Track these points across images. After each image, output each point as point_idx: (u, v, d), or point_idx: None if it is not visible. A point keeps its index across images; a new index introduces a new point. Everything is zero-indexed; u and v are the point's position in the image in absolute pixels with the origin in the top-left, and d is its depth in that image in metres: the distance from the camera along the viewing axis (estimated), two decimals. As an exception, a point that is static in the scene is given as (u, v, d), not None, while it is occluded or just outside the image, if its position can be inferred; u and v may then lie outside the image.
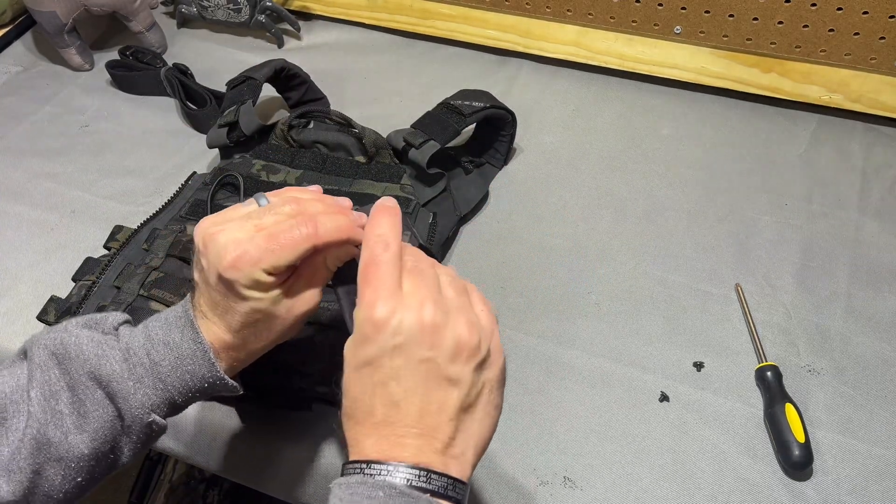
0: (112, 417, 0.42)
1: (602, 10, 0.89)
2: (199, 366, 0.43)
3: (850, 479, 0.57)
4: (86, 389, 0.41)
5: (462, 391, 0.37)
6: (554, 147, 0.86)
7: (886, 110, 0.85)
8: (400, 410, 0.36)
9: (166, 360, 0.43)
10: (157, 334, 0.44)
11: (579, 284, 0.72)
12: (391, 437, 0.36)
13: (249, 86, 0.80)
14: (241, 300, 0.42)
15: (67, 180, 0.84)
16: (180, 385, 0.43)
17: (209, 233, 0.43)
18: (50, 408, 0.40)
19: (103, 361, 0.42)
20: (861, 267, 0.72)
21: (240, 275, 0.41)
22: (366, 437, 0.37)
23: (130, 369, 0.42)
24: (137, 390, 0.42)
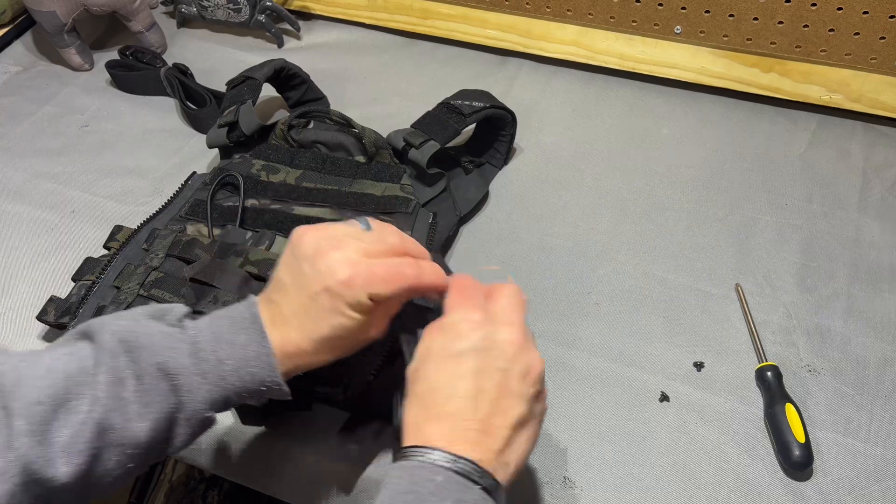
0: (173, 409, 0.43)
1: (602, 9, 0.89)
2: (261, 369, 0.45)
3: (850, 479, 0.57)
4: (152, 380, 0.43)
5: (523, 408, 0.42)
6: (554, 147, 0.86)
7: (887, 110, 0.85)
8: (472, 405, 0.40)
9: (231, 360, 0.44)
10: (224, 333, 0.45)
11: (579, 284, 0.72)
12: (458, 428, 0.40)
13: (249, 86, 0.80)
14: (337, 315, 0.44)
15: (67, 180, 0.84)
16: (239, 385, 0.45)
17: (321, 247, 0.45)
18: (116, 394, 0.42)
19: (172, 355, 0.43)
20: (861, 267, 0.72)
21: (348, 293, 0.44)
22: (431, 424, 0.40)
23: (197, 364, 0.44)
24: (202, 385, 0.44)
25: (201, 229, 0.70)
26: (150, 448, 0.43)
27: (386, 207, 0.71)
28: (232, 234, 0.68)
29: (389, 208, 0.71)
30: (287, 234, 0.68)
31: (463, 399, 0.40)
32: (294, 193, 0.72)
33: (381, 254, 0.46)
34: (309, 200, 0.71)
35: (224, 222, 0.70)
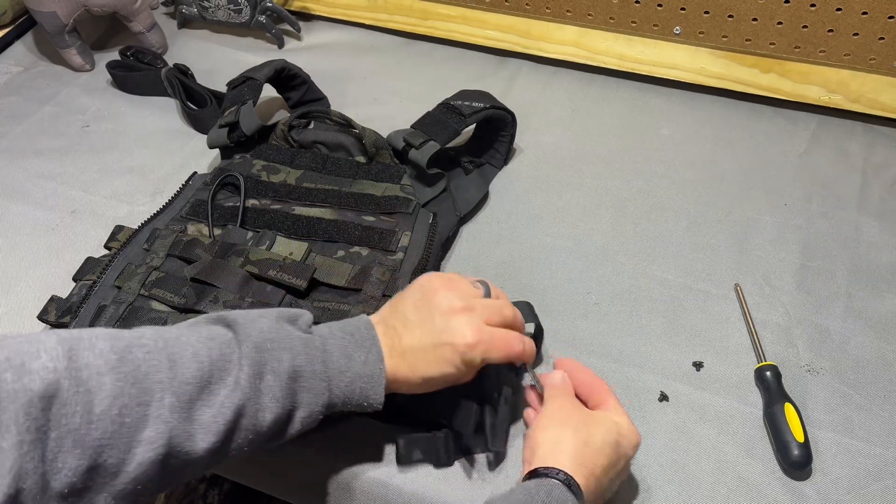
0: (295, 407, 0.48)
1: (602, 10, 0.89)
2: (371, 388, 0.50)
3: (849, 478, 0.57)
4: (287, 379, 0.47)
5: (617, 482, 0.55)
6: (554, 147, 0.86)
7: (886, 110, 0.85)
8: (604, 471, 0.51)
9: (349, 373, 0.50)
10: (347, 347, 0.50)
11: (579, 284, 0.72)
12: (588, 476, 0.50)
13: (250, 86, 0.80)
14: (451, 367, 0.51)
15: (68, 180, 0.84)
16: (347, 395, 0.50)
17: (455, 306, 0.52)
18: (254, 385, 0.46)
19: (307, 361, 0.48)
20: (860, 267, 0.72)
21: (469, 354, 0.51)
22: (578, 468, 0.49)
23: (325, 372, 0.49)
24: (324, 392, 0.49)
25: (202, 229, 0.70)
26: (268, 436, 0.48)
27: (386, 208, 0.71)
28: (233, 234, 0.68)
29: (390, 208, 0.71)
30: (287, 234, 0.68)
31: (604, 472, 0.51)
32: (294, 194, 0.72)
33: (498, 324, 0.53)
34: (309, 201, 0.72)
35: (225, 222, 0.70)
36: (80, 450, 0.39)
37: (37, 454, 0.38)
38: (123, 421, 0.41)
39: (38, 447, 0.38)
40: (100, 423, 0.40)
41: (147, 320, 0.62)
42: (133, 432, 0.41)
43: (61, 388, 0.39)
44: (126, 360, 0.42)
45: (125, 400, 0.41)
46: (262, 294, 0.63)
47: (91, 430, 0.40)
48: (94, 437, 0.40)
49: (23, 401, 0.38)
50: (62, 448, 0.39)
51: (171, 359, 0.44)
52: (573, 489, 0.47)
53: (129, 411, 0.41)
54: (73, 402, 0.39)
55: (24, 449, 0.37)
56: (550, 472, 0.48)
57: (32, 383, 0.38)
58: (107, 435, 0.40)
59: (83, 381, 0.40)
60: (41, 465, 0.38)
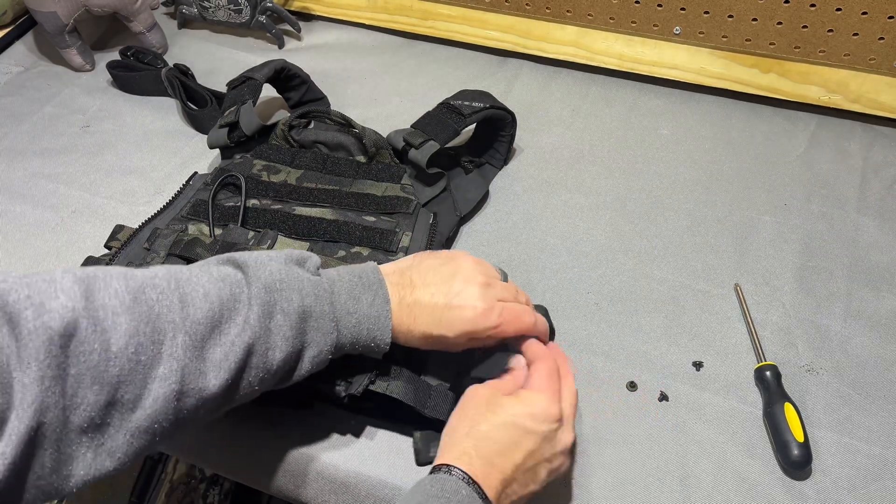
0: (305, 346, 0.50)
1: (602, 10, 0.89)
2: (379, 330, 0.52)
3: (848, 478, 0.57)
4: (296, 318, 0.49)
5: (536, 489, 0.52)
6: (554, 147, 0.86)
7: (885, 110, 0.85)
8: (511, 469, 0.49)
9: (356, 314, 0.51)
10: (355, 290, 0.52)
11: (579, 284, 0.72)
12: (492, 476, 0.49)
13: (250, 86, 0.80)
14: (455, 330, 0.53)
15: (68, 180, 0.84)
16: (355, 336, 0.52)
17: (478, 278, 0.54)
18: (264, 325, 0.47)
19: (316, 301, 0.50)
20: (860, 267, 0.72)
21: (480, 322, 0.53)
22: (475, 461, 0.48)
23: (333, 311, 0.51)
24: (333, 331, 0.51)
25: (203, 229, 0.70)
26: (277, 374, 0.49)
27: (387, 208, 0.71)
28: (234, 234, 0.68)
29: (390, 208, 0.71)
30: (288, 234, 0.68)
31: (510, 463, 0.49)
32: (295, 194, 0.72)
33: (515, 303, 0.56)
34: (310, 200, 0.72)
35: (225, 222, 0.70)
36: (99, 386, 0.41)
37: (57, 389, 0.39)
38: (139, 359, 0.42)
39: (58, 383, 0.39)
40: (117, 360, 0.41)
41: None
42: (148, 369, 0.43)
43: (79, 328, 0.40)
44: (140, 301, 0.44)
45: (140, 339, 0.42)
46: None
47: (109, 367, 0.41)
48: (112, 373, 0.41)
49: (43, 338, 0.39)
50: (82, 384, 0.40)
51: (183, 300, 0.45)
52: (458, 475, 0.47)
53: (144, 349, 0.43)
54: (91, 340, 0.41)
55: (45, 384, 0.38)
56: (441, 467, 0.48)
57: (52, 321, 0.39)
58: (124, 372, 0.42)
59: (100, 320, 0.41)
60: (61, 399, 0.39)
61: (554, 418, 0.51)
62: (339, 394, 0.56)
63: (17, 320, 0.39)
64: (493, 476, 0.48)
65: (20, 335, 0.38)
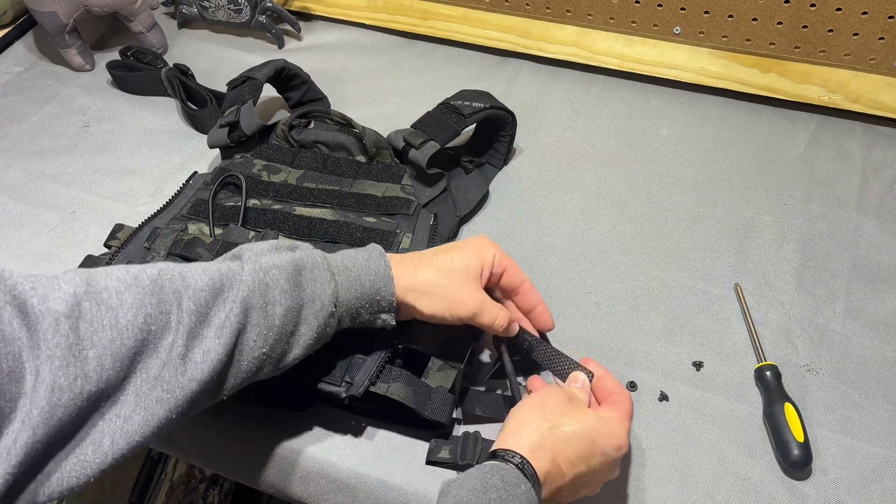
0: (304, 301, 0.51)
1: (602, 10, 0.89)
2: (380, 278, 0.54)
3: (848, 478, 0.57)
4: (290, 272, 0.50)
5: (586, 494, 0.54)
6: (554, 147, 0.86)
7: (885, 110, 0.85)
8: (571, 479, 0.50)
9: (355, 268, 0.53)
10: (349, 252, 0.55)
11: (579, 284, 0.72)
12: (554, 478, 0.49)
13: (250, 86, 0.80)
14: (456, 273, 0.56)
15: (68, 180, 0.84)
16: (359, 290, 0.53)
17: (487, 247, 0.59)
18: (259, 279, 0.49)
19: (307, 255, 0.52)
20: (860, 267, 0.72)
21: (481, 256, 0.58)
22: (544, 463, 0.49)
23: (328, 265, 0.53)
24: (330, 281, 0.52)
25: (203, 228, 0.70)
26: (280, 335, 0.50)
27: (387, 209, 0.71)
28: (234, 234, 0.68)
29: (390, 209, 0.71)
30: (289, 234, 0.68)
31: (573, 473, 0.50)
32: (295, 194, 0.72)
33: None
34: (310, 201, 0.72)
35: (226, 222, 0.70)
36: (119, 362, 0.42)
37: (72, 371, 0.40)
38: (150, 329, 0.44)
39: (72, 364, 0.40)
40: (129, 331, 0.43)
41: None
42: (159, 338, 0.44)
43: (84, 309, 0.42)
44: (141, 279, 0.45)
45: (148, 310, 0.44)
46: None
47: (124, 341, 0.42)
48: (127, 346, 0.42)
49: (49, 320, 0.40)
50: (104, 365, 0.41)
51: (183, 274, 0.47)
52: (527, 473, 0.47)
53: (153, 319, 0.44)
54: (99, 318, 0.42)
55: (55, 364, 0.39)
56: (507, 454, 0.48)
57: (56, 305, 0.41)
58: (138, 343, 0.43)
59: (104, 300, 0.43)
60: (78, 381, 0.40)
61: (623, 451, 0.52)
62: (340, 395, 0.56)
63: (25, 308, 0.40)
64: (555, 479, 0.49)
65: (30, 323, 0.39)
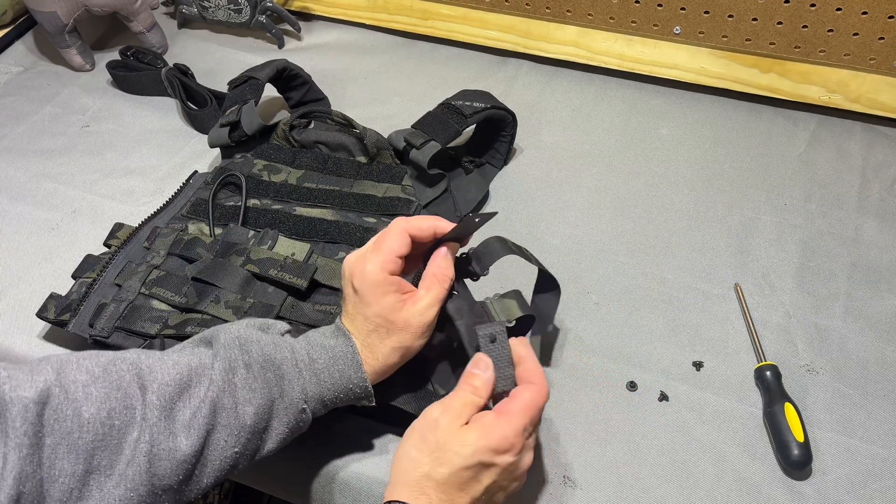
0: (274, 398, 0.50)
1: (602, 10, 0.89)
2: (348, 366, 0.52)
3: (849, 478, 0.57)
4: (258, 369, 0.50)
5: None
6: (554, 147, 0.86)
7: (885, 110, 0.85)
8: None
9: (322, 359, 0.52)
10: (315, 339, 0.53)
11: (579, 284, 0.72)
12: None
13: (251, 86, 0.80)
14: (364, 305, 0.52)
15: (68, 180, 0.84)
16: (331, 382, 0.52)
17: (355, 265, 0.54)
18: (228, 379, 0.48)
19: (275, 350, 0.51)
20: (860, 267, 0.72)
21: (384, 247, 0.52)
22: (433, 494, 0.47)
23: (295, 361, 0.51)
24: (298, 377, 0.51)
25: (203, 228, 0.70)
26: (253, 433, 0.49)
27: (387, 209, 0.71)
28: (234, 234, 0.68)
29: (391, 210, 0.71)
30: (289, 234, 0.68)
31: (468, 497, 0.48)
32: (296, 194, 0.72)
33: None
34: (311, 201, 0.72)
35: (226, 222, 0.70)
36: (74, 455, 0.42)
37: (35, 459, 0.41)
38: (112, 423, 0.44)
39: (35, 452, 0.41)
40: (90, 426, 0.43)
41: (148, 319, 0.62)
42: (122, 434, 0.44)
43: (52, 395, 0.43)
44: (110, 371, 0.46)
45: (112, 404, 0.44)
46: (263, 295, 0.63)
47: (83, 434, 0.43)
48: (86, 440, 0.43)
49: (19, 407, 0.41)
50: (58, 454, 0.42)
51: (151, 367, 0.47)
52: None
53: (116, 414, 0.44)
54: (64, 407, 0.43)
55: (22, 452, 0.40)
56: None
57: (26, 392, 0.42)
58: (98, 437, 0.43)
59: (71, 392, 0.44)
60: (39, 470, 0.41)
61: (516, 449, 0.49)
62: None
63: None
64: None
65: (1, 409, 0.40)
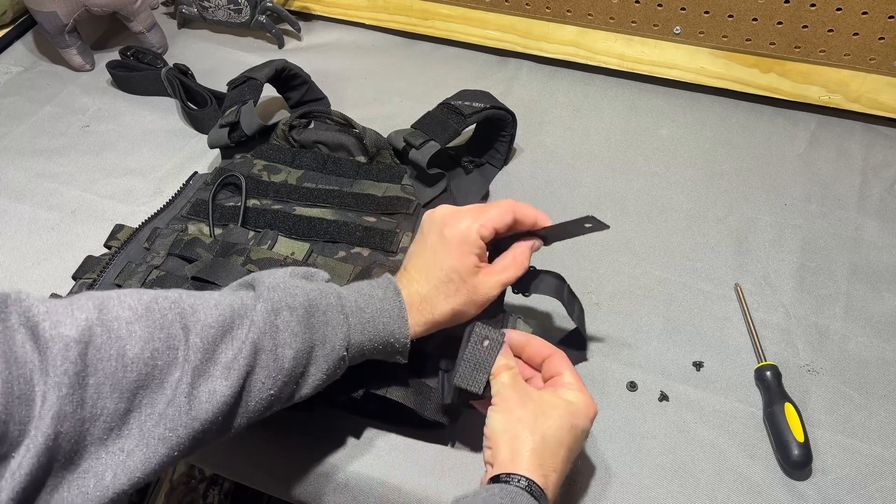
0: (315, 343, 0.49)
1: (602, 10, 0.89)
2: (394, 319, 0.52)
3: (849, 478, 0.57)
4: (302, 313, 0.49)
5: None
6: (554, 147, 0.86)
7: (885, 110, 0.85)
8: (563, 465, 0.50)
9: (369, 308, 0.52)
10: (364, 289, 0.53)
11: (579, 284, 0.72)
12: (549, 473, 0.49)
13: (251, 86, 0.80)
14: (451, 252, 0.54)
15: (68, 180, 0.84)
16: (374, 333, 0.52)
17: (447, 216, 0.56)
18: (270, 321, 0.47)
19: (321, 296, 0.50)
20: (860, 267, 0.72)
21: (465, 230, 0.54)
22: (534, 467, 0.49)
23: (340, 305, 0.51)
24: (343, 324, 0.50)
25: (203, 229, 0.70)
26: (290, 377, 0.48)
27: (387, 208, 0.71)
28: (234, 234, 0.68)
29: (391, 209, 0.71)
30: (288, 234, 0.68)
31: (559, 461, 0.50)
32: (295, 194, 0.72)
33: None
34: (310, 201, 0.72)
35: (226, 222, 0.70)
36: (118, 394, 0.41)
37: (76, 398, 0.39)
38: (156, 363, 0.43)
39: (77, 391, 0.39)
40: (134, 366, 0.42)
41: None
42: (164, 374, 0.43)
43: (95, 335, 0.41)
44: (153, 310, 0.44)
45: (156, 344, 0.43)
46: (262, 294, 0.63)
47: (127, 374, 0.41)
48: (129, 379, 0.41)
49: (59, 345, 0.39)
50: (101, 394, 0.40)
51: (194, 307, 0.46)
52: (535, 494, 0.47)
53: (160, 354, 0.43)
54: (107, 346, 0.41)
55: (62, 391, 0.39)
56: (512, 478, 0.47)
57: (67, 330, 0.40)
58: (141, 377, 0.42)
59: (114, 329, 0.42)
60: (80, 410, 0.39)
61: (593, 414, 0.52)
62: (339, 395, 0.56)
63: (37, 332, 0.39)
64: (555, 480, 0.49)
65: (41, 347, 0.39)
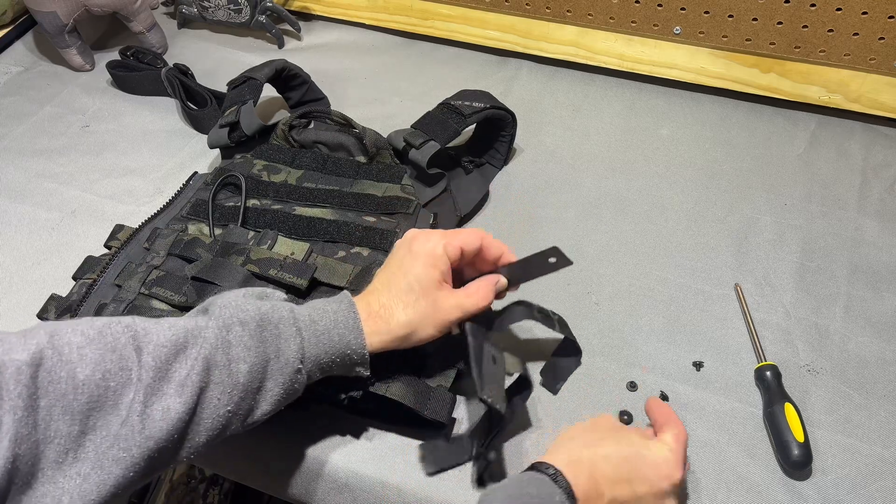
0: (269, 357, 0.49)
1: (601, 10, 0.89)
2: (349, 330, 0.52)
3: (849, 478, 0.57)
4: (254, 327, 0.49)
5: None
6: (554, 147, 0.86)
7: (885, 110, 0.85)
8: None
9: (323, 321, 0.51)
10: (318, 304, 0.53)
11: (579, 284, 0.72)
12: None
13: (250, 86, 0.80)
14: (416, 265, 0.54)
15: (68, 180, 0.84)
16: (329, 345, 0.51)
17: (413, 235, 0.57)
18: (222, 336, 0.48)
19: (274, 310, 0.50)
20: (860, 267, 0.72)
21: (430, 246, 0.55)
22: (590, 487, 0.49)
23: (294, 320, 0.51)
24: (295, 336, 0.50)
25: (203, 229, 0.70)
26: (246, 391, 0.48)
27: (387, 208, 0.71)
28: (234, 234, 0.68)
29: (391, 209, 0.71)
30: (288, 234, 0.68)
31: (611, 494, 0.49)
32: (295, 194, 0.72)
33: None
34: (310, 201, 0.72)
35: (225, 222, 0.70)
36: (70, 416, 0.41)
37: (30, 421, 0.40)
38: (108, 385, 0.43)
39: (31, 414, 0.40)
40: (85, 388, 0.42)
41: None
42: (118, 395, 0.43)
43: (45, 358, 0.42)
44: (105, 334, 0.45)
45: (107, 366, 0.43)
46: (262, 294, 0.63)
47: (78, 396, 0.42)
48: (80, 401, 0.42)
49: (12, 370, 0.40)
50: (53, 416, 0.41)
51: (147, 330, 0.46)
52: (560, 485, 0.47)
53: (112, 376, 0.43)
54: (57, 369, 0.42)
55: (17, 414, 0.39)
56: (542, 466, 0.49)
57: (19, 355, 0.41)
58: (93, 399, 0.42)
59: (65, 354, 0.43)
60: (34, 432, 0.40)
61: (673, 483, 0.51)
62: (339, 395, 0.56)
63: None
64: (593, 497, 0.48)
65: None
